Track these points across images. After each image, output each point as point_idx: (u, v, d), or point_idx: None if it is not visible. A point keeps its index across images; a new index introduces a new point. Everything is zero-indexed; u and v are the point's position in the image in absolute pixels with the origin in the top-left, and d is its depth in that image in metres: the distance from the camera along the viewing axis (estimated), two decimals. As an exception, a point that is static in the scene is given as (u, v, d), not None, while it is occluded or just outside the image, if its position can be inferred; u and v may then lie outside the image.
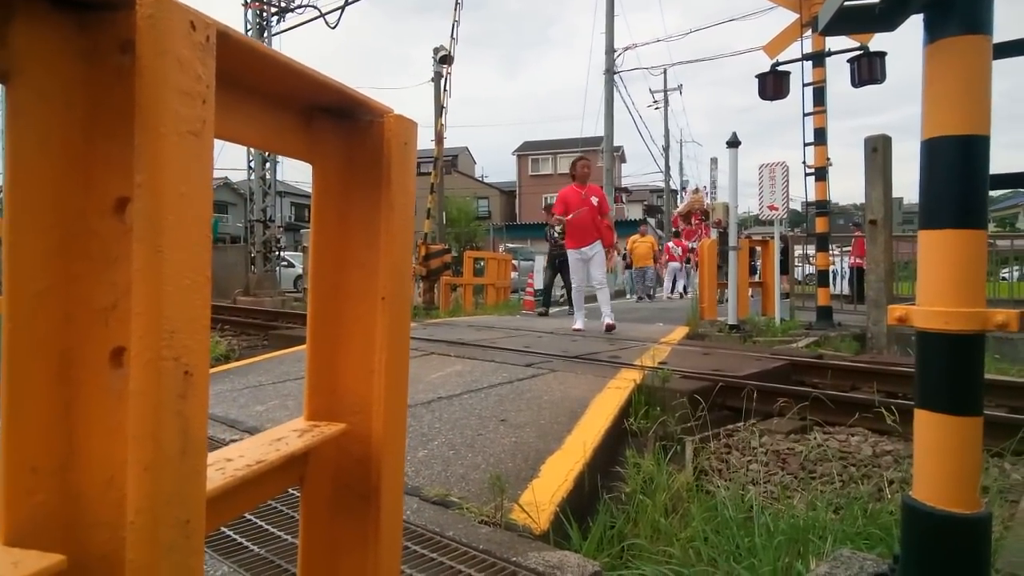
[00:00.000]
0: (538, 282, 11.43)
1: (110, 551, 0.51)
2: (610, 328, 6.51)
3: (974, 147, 1.20)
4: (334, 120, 0.89)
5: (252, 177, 14.90)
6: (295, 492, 2.05)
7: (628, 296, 16.95)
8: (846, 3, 1.24)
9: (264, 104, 0.79)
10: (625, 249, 16.62)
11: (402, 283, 0.92)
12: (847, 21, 1.35)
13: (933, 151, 1.24)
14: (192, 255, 0.54)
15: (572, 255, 6.72)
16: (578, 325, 6.73)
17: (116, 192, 0.53)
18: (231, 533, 1.83)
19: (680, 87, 33.40)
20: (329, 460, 0.89)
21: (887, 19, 1.32)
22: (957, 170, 1.21)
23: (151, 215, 0.51)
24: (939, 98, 1.23)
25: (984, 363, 1.24)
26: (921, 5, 1.25)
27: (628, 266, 17.16)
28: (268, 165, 14.77)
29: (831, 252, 8.84)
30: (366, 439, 0.89)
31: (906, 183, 21.48)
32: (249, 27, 14.29)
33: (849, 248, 12.71)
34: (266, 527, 1.88)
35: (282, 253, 16.65)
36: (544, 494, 2.15)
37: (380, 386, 0.89)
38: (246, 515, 1.93)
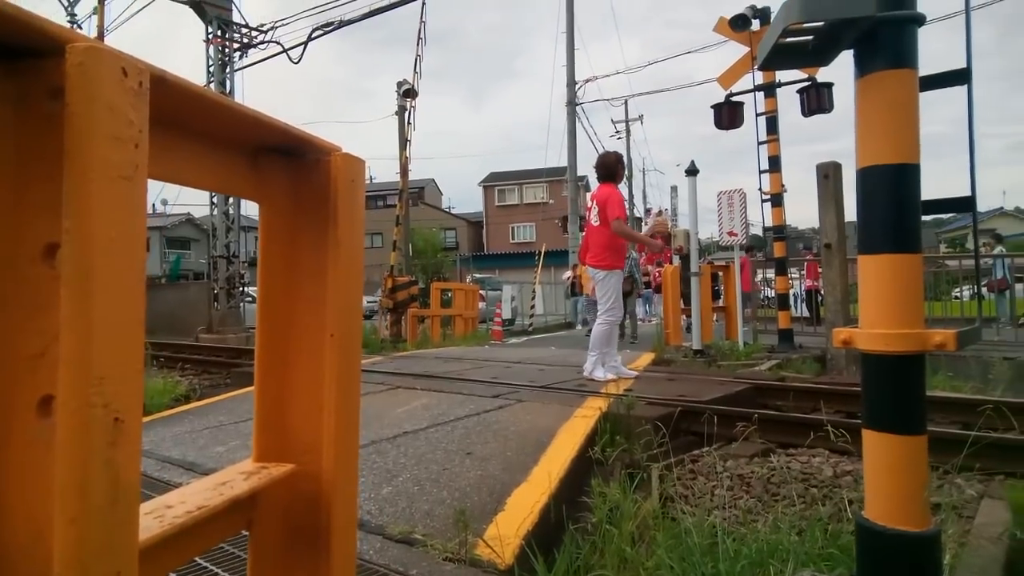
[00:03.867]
0: (506, 311, 11.39)
1: (36, 608, 0.50)
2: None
3: (905, 175, 1.26)
4: (281, 159, 0.89)
5: (215, 212, 14.71)
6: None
7: (578, 327, 14.89)
8: (780, 40, 1.30)
9: (208, 145, 0.79)
10: (574, 275, 14.54)
11: (351, 320, 0.91)
12: (784, 57, 1.41)
13: (866, 179, 1.29)
14: (123, 300, 0.53)
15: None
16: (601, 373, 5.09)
17: (45, 238, 0.53)
18: (185, 581, 1.77)
19: (641, 117, 34.10)
20: (278, 502, 0.87)
21: (819, 55, 1.39)
22: (890, 197, 1.27)
23: (80, 260, 0.51)
24: (870, 129, 1.29)
25: (925, 382, 1.28)
26: (850, 42, 1.32)
27: (576, 293, 14.79)
28: (231, 200, 14.61)
29: (790, 275, 9.05)
30: (316, 479, 0.88)
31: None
32: (211, 63, 14.25)
33: (804, 272, 13.05)
34: (214, 569, 1.83)
35: (246, 289, 16.38)
36: (509, 527, 2.13)
37: (330, 424, 0.88)
38: (194, 558, 1.87)
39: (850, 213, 6.30)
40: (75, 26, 15.34)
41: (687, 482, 2.98)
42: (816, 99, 6.67)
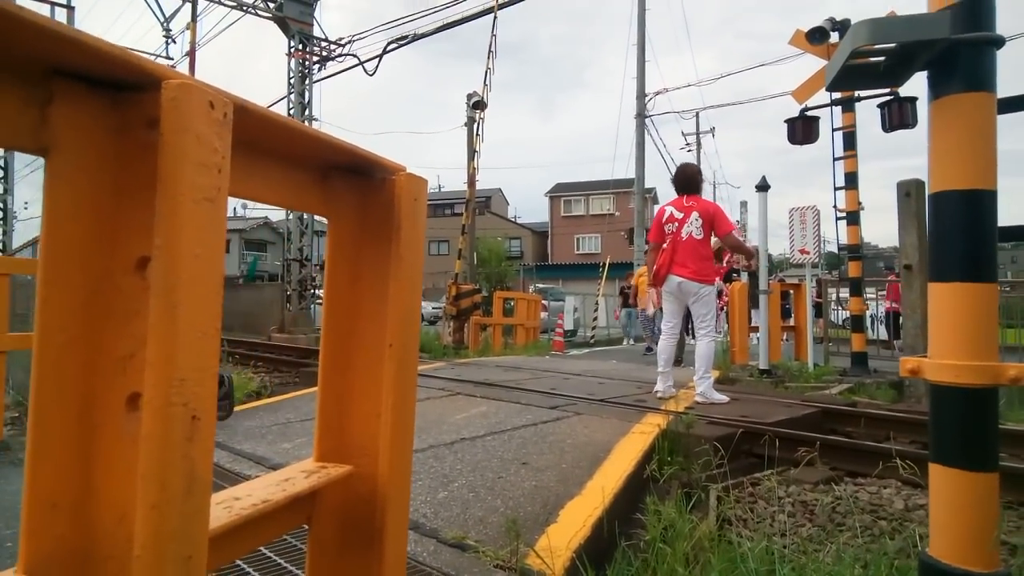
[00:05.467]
0: (568, 322, 11.31)
1: (118, 583, 0.55)
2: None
3: (980, 201, 1.21)
4: (349, 177, 0.95)
5: (290, 217, 15.33)
6: (296, 543, 2.08)
7: (627, 342, 14.39)
8: (849, 61, 1.28)
9: (283, 165, 0.85)
10: (630, 284, 13.21)
11: (409, 331, 0.96)
12: (853, 78, 1.38)
13: (939, 205, 1.25)
14: (203, 310, 0.59)
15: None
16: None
17: (139, 252, 0.59)
18: (244, 565, 1.86)
19: (712, 129, 33.44)
20: (336, 501, 0.92)
21: (893, 76, 1.35)
22: (964, 224, 1.22)
23: (168, 273, 0.56)
24: (944, 153, 1.25)
25: (998, 417, 1.23)
26: (924, 63, 1.28)
27: (629, 304, 13.68)
28: (306, 206, 15.17)
29: (865, 296, 8.66)
30: (372, 481, 0.93)
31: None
32: (292, 75, 14.89)
33: (884, 292, 12.46)
34: (278, 561, 1.91)
35: (317, 291, 16.97)
36: (561, 539, 2.14)
37: (386, 430, 0.93)
38: (244, 566, 1.96)
39: (933, 233, 6.00)
40: (169, 39, 16.36)
41: (746, 505, 2.90)
42: (899, 114, 6.38)
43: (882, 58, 1.35)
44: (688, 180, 5.05)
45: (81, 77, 0.56)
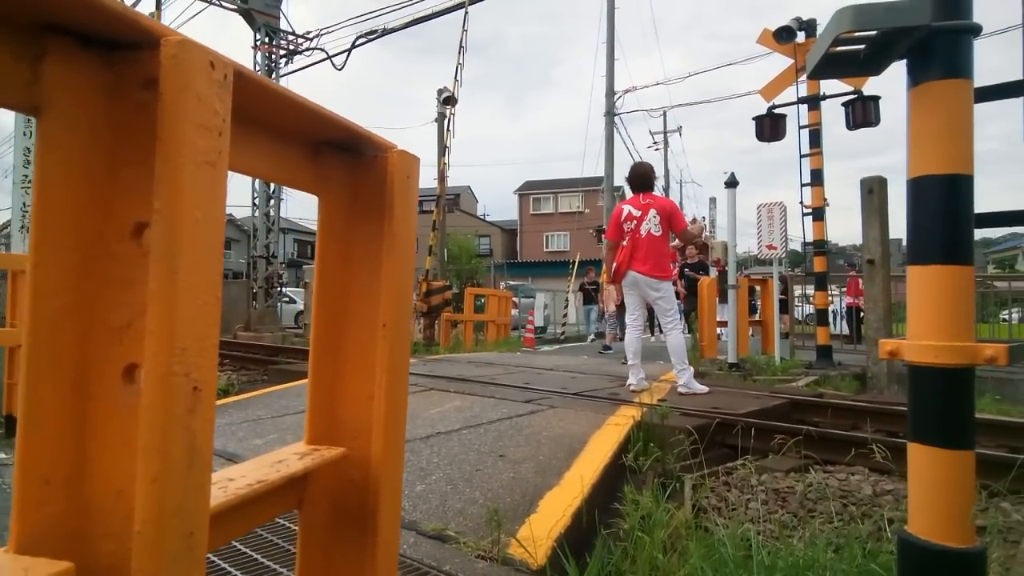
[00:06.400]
0: (538, 319, 11.35)
1: (116, 561, 0.53)
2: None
3: (958, 186, 1.24)
4: (340, 154, 0.93)
5: (256, 213, 15.06)
6: (289, 524, 2.04)
7: (591, 339, 14.18)
8: (831, 49, 1.30)
9: (274, 138, 0.83)
10: (593, 280, 13.68)
11: (402, 311, 0.94)
12: (834, 66, 1.41)
13: (918, 189, 1.28)
14: (204, 277, 0.57)
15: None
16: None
17: (135, 217, 0.57)
18: (224, 564, 1.82)
19: (679, 128, 33.80)
20: (328, 483, 0.90)
21: (872, 64, 1.38)
22: (942, 207, 1.25)
23: (168, 239, 0.54)
24: (923, 139, 1.27)
25: (974, 397, 1.26)
26: (904, 51, 1.31)
27: (591, 301, 13.97)
28: (272, 202, 14.94)
29: (829, 292, 8.87)
30: (365, 463, 0.91)
31: (905, 225, 21.59)
32: (258, 68, 14.62)
33: (845, 288, 12.77)
34: (258, 559, 1.87)
35: (284, 289, 16.70)
36: (542, 529, 2.14)
37: (379, 411, 0.91)
38: (239, 546, 1.92)
39: (894, 230, 6.17)
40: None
41: (721, 494, 2.95)
42: (862, 112, 6.55)
43: (862, 47, 1.38)
44: (643, 178, 5.17)
45: (74, 33, 0.54)
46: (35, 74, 0.53)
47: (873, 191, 6.18)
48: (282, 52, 14.94)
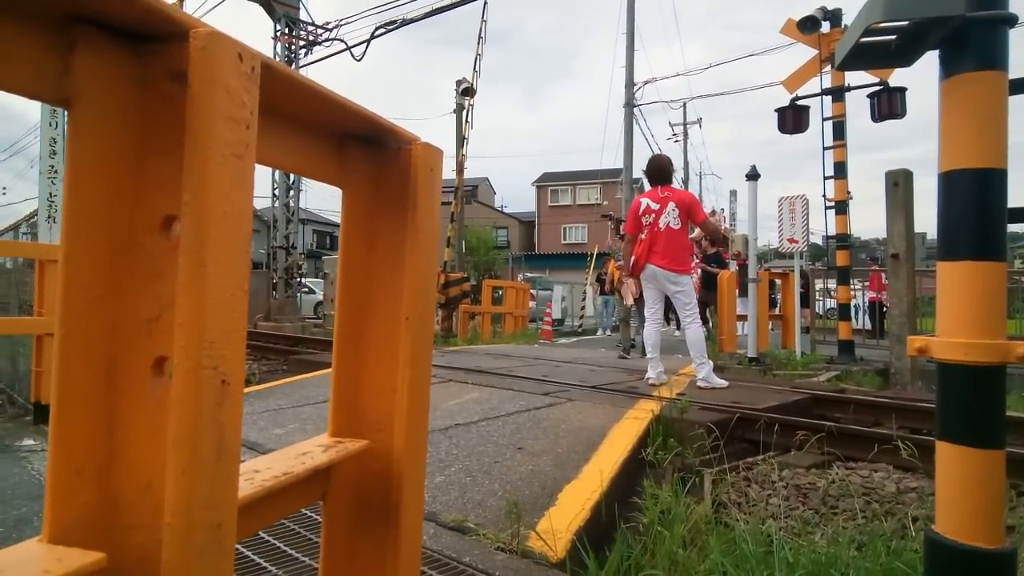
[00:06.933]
0: (556, 311, 11.32)
1: (147, 552, 0.54)
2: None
3: (991, 180, 1.21)
4: (364, 147, 0.92)
5: (276, 204, 15.18)
6: (311, 514, 2.06)
7: (602, 332, 14.05)
8: (862, 39, 1.27)
9: (300, 131, 0.83)
10: (610, 271, 12.94)
11: (426, 304, 0.94)
12: (863, 57, 1.38)
13: (950, 183, 1.25)
14: (232, 270, 0.57)
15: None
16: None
17: (164, 210, 0.57)
18: (248, 552, 1.84)
19: (700, 120, 33.53)
20: (351, 476, 0.91)
21: (903, 55, 1.35)
22: (974, 202, 1.22)
23: (197, 231, 0.54)
24: (955, 132, 1.24)
25: (1005, 395, 1.23)
26: (936, 42, 1.27)
27: (607, 292, 13.47)
28: (292, 193, 15.05)
29: (852, 286, 8.74)
30: (387, 456, 0.91)
31: (929, 218, 21.31)
32: (278, 59, 14.68)
33: (868, 282, 12.58)
34: (285, 549, 1.89)
35: (303, 280, 16.83)
36: (561, 522, 2.14)
37: (402, 404, 0.91)
38: (263, 535, 1.95)
39: (919, 223, 6.05)
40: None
41: (741, 489, 2.93)
42: (888, 104, 6.42)
43: (893, 37, 1.34)
44: (661, 171, 5.13)
45: (104, 25, 0.54)
46: (66, 65, 0.53)
47: (898, 184, 6.07)
48: (302, 43, 15.00)
